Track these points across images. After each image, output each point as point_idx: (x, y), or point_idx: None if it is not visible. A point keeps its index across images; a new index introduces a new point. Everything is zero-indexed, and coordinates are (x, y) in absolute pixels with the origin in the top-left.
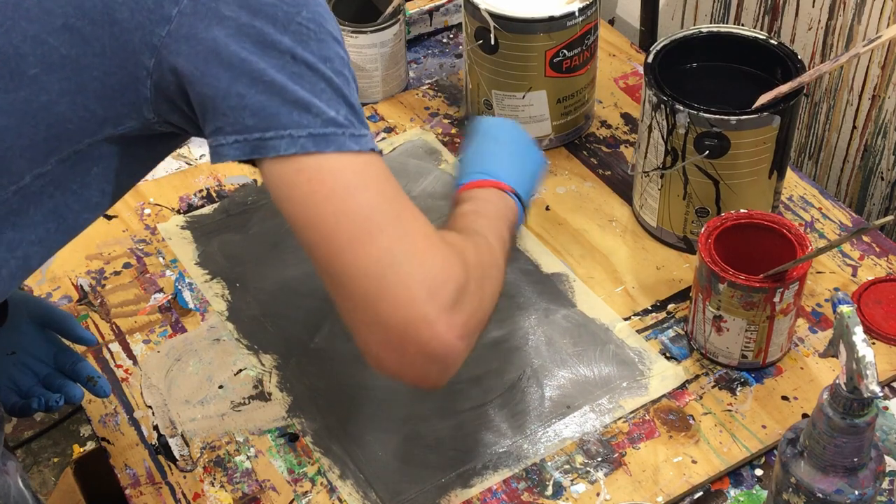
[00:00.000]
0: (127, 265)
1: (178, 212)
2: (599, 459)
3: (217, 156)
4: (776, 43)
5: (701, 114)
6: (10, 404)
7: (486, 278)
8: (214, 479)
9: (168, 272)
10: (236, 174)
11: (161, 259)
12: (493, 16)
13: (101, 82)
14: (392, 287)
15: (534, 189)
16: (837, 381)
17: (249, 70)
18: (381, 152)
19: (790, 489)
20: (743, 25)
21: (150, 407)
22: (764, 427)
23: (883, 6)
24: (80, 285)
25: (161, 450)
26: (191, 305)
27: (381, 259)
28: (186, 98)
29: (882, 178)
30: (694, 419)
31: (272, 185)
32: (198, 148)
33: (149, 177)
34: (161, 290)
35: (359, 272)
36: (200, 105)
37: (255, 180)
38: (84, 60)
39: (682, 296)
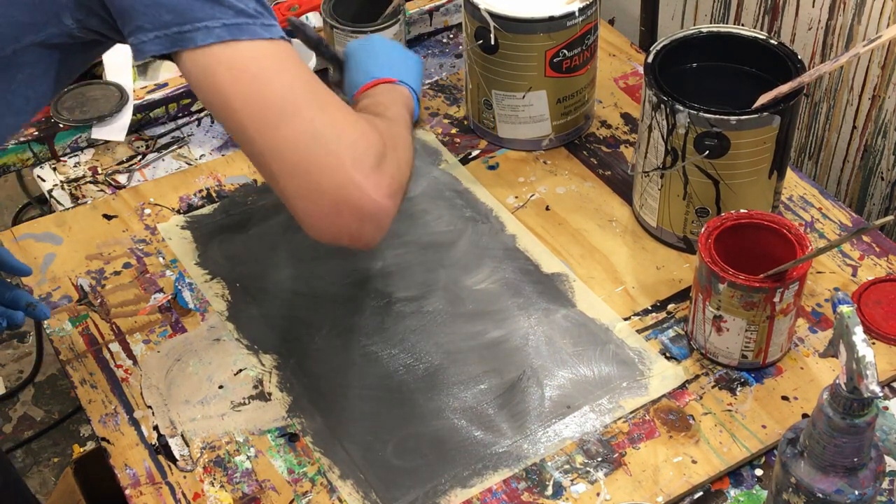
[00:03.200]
0: (127, 265)
1: (178, 212)
2: (599, 459)
3: (139, 53)
4: (776, 43)
5: (701, 114)
6: None
7: (399, 146)
8: (214, 479)
9: (168, 272)
10: (236, 174)
11: (161, 259)
12: (493, 16)
13: None
14: (321, 157)
15: (419, 80)
16: (837, 381)
17: None
18: (290, 41)
19: (790, 489)
20: (743, 25)
21: (150, 407)
22: (764, 427)
23: (883, 6)
24: (80, 285)
25: (161, 450)
26: (191, 305)
27: (307, 132)
28: (103, 4)
29: (882, 178)
30: (694, 419)
31: (193, 77)
32: (198, 148)
33: (149, 176)
34: (161, 290)
35: (288, 146)
36: (118, 9)
37: (254, 180)
38: None
39: (682, 296)
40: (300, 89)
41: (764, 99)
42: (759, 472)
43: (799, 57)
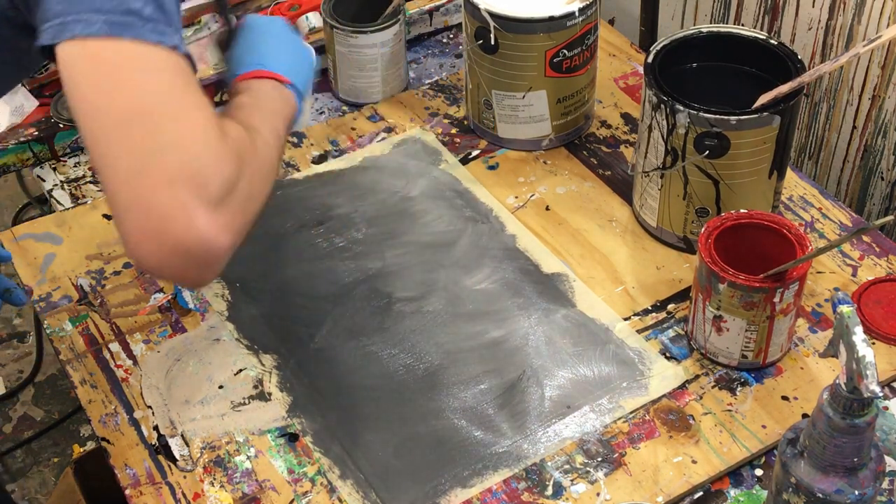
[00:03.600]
0: (127, 265)
1: None
2: (599, 459)
3: (41, 43)
4: (776, 43)
5: (701, 114)
6: None
7: (259, 177)
8: (214, 479)
9: None
10: None
11: None
12: (493, 16)
13: None
14: (155, 170)
15: (310, 80)
16: (837, 381)
17: None
18: (189, 58)
19: (790, 489)
20: (743, 25)
21: (150, 407)
22: (764, 427)
23: (883, 6)
24: (80, 285)
25: (161, 450)
26: (191, 305)
27: (148, 141)
28: (16, 7)
29: (882, 178)
30: (694, 419)
31: (64, 68)
32: None
33: None
34: (161, 290)
35: (123, 152)
36: (26, 4)
37: None
38: None
39: (682, 296)
40: (161, 96)
41: (764, 99)
42: (759, 472)
43: (799, 57)
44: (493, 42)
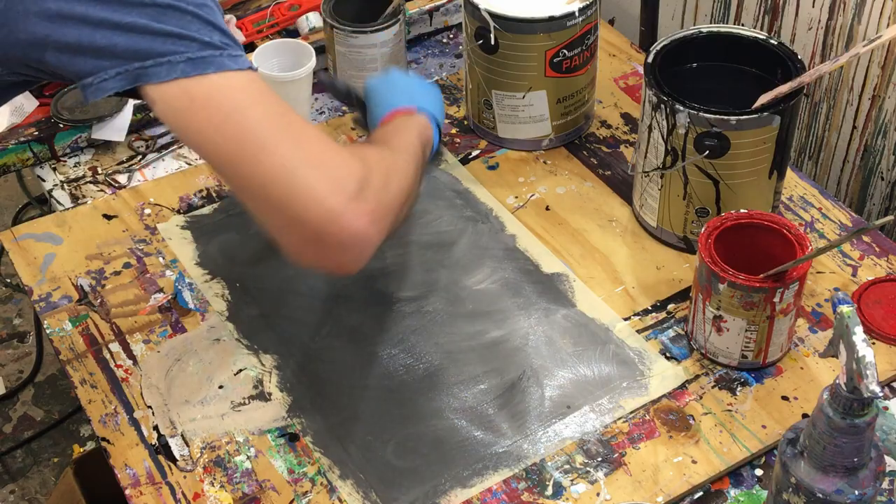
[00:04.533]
0: (127, 265)
1: (178, 212)
2: (599, 459)
3: (100, 91)
4: (776, 43)
5: (701, 114)
6: None
7: (392, 172)
8: (214, 479)
9: (168, 272)
10: None
11: (161, 259)
12: (493, 16)
13: None
14: (299, 190)
15: (440, 107)
16: (837, 381)
17: (107, 20)
18: (256, 69)
19: (790, 489)
20: (743, 25)
21: (150, 407)
22: (764, 427)
23: (883, 6)
24: (80, 285)
25: (161, 450)
26: (191, 305)
27: (283, 166)
28: (40, 57)
29: (882, 178)
30: (694, 419)
31: (163, 113)
32: None
33: (149, 176)
34: (161, 290)
35: (266, 182)
36: (70, 59)
37: None
38: None
39: (682, 296)
40: (274, 123)
41: (764, 99)
42: (759, 472)
43: (799, 57)
44: (493, 42)
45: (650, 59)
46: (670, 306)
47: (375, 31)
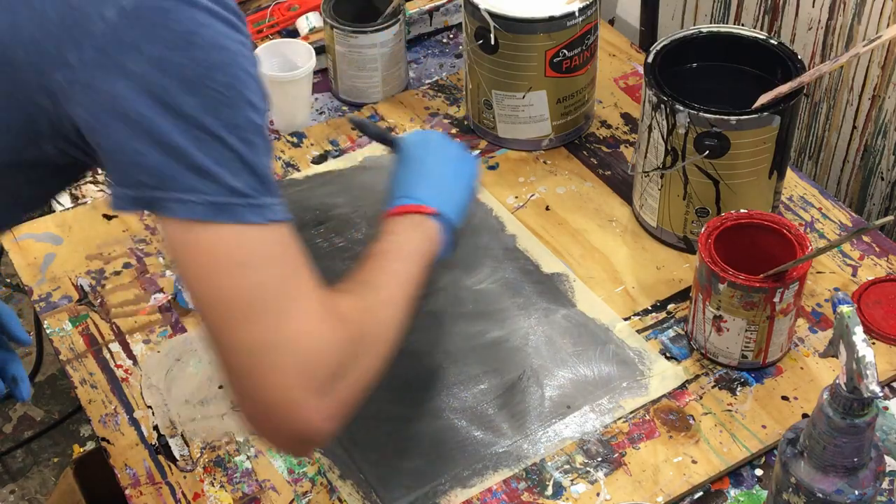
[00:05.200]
0: (127, 265)
1: None
2: (599, 459)
3: (116, 204)
4: (776, 43)
5: (701, 114)
6: None
7: (371, 351)
8: (214, 479)
9: (168, 272)
10: None
11: (161, 259)
12: (493, 16)
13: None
14: (265, 369)
15: (465, 204)
16: (837, 381)
17: (150, 129)
18: (288, 219)
19: (790, 489)
20: (743, 25)
21: (150, 407)
22: (764, 427)
23: (883, 6)
24: (80, 285)
25: (161, 450)
26: (191, 305)
27: (257, 340)
28: (86, 140)
29: (882, 178)
30: (694, 419)
31: (167, 240)
32: None
33: None
34: (161, 290)
35: (234, 350)
36: (102, 154)
37: None
38: None
39: (682, 296)
40: (267, 289)
41: (764, 99)
42: (759, 472)
43: (799, 57)
44: (493, 42)
45: (650, 59)
46: (670, 306)
47: (375, 31)
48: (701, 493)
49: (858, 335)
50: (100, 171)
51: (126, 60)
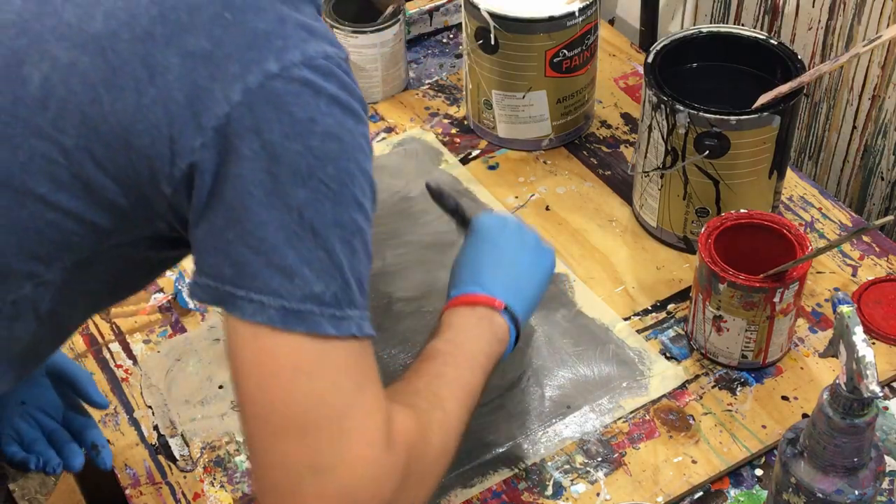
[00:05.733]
0: None
1: None
2: (599, 459)
3: (192, 293)
4: (776, 43)
5: (701, 114)
6: (9, 454)
7: (421, 483)
8: (214, 479)
9: (168, 272)
10: None
11: None
12: (493, 16)
13: (113, 202)
14: (305, 491)
15: (537, 302)
16: (837, 381)
17: (247, 219)
18: (369, 335)
19: (790, 489)
20: (743, 25)
21: (150, 407)
22: (764, 427)
23: (883, 6)
24: None
25: (161, 450)
26: (191, 305)
27: (304, 460)
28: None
29: (882, 178)
30: (694, 419)
31: (227, 333)
32: None
33: None
34: (161, 290)
35: (276, 465)
36: (194, 235)
37: None
38: (97, 182)
39: (682, 296)
40: (326, 405)
41: (764, 99)
42: (759, 472)
43: (799, 57)
44: (493, 42)
45: (650, 59)
46: (670, 306)
47: (375, 31)
48: (701, 493)
49: (858, 335)
50: None
51: (241, 144)
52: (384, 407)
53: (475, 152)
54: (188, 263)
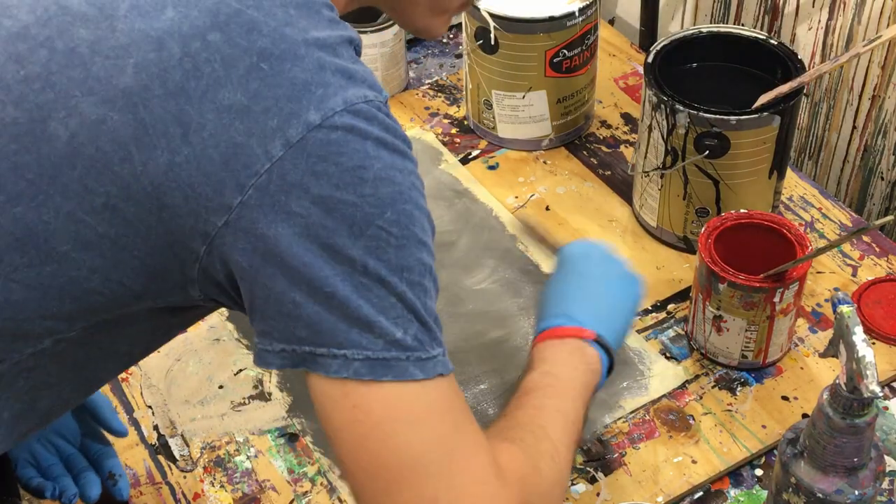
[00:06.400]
0: None
1: None
2: (599, 459)
3: (261, 361)
4: (776, 43)
5: (701, 114)
6: (25, 478)
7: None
8: (214, 479)
9: None
10: None
11: None
12: (493, 16)
13: (142, 261)
14: None
15: (626, 331)
16: (837, 381)
17: (311, 277)
18: (452, 370)
19: (790, 489)
20: (743, 25)
21: (150, 407)
22: (764, 427)
23: (883, 6)
24: None
25: (161, 450)
26: None
27: None
28: (236, 287)
29: (882, 178)
30: (694, 419)
31: (315, 398)
32: None
33: None
34: None
35: None
36: (250, 301)
37: None
38: (124, 241)
39: (682, 296)
40: (431, 450)
41: (764, 99)
42: (759, 472)
43: (799, 57)
44: (493, 42)
45: (650, 59)
46: (670, 306)
47: (375, 31)
48: (701, 493)
49: (858, 335)
50: None
51: (289, 200)
52: (485, 442)
53: (475, 152)
54: None
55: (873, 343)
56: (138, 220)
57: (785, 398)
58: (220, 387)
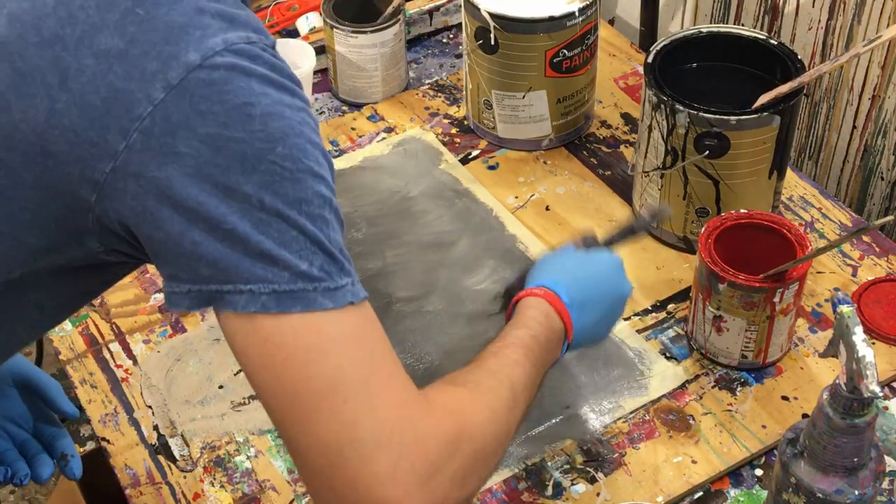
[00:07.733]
0: None
1: None
2: (599, 459)
3: (171, 303)
4: (776, 43)
5: (701, 114)
6: None
7: (475, 450)
8: (214, 479)
9: None
10: None
11: None
12: (493, 16)
13: (32, 213)
14: (352, 464)
15: (597, 339)
16: (837, 381)
17: (207, 216)
18: (364, 297)
19: (790, 489)
20: (743, 25)
21: (150, 407)
22: (764, 427)
23: (883, 6)
24: None
25: (161, 450)
26: None
27: (340, 433)
28: (134, 235)
29: (882, 178)
30: (694, 419)
31: (227, 335)
32: None
33: None
34: (161, 290)
35: (315, 446)
36: (151, 246)
37: None
38: (10, 192)
39: (682, 296)
40: (347, 376)
41: (764, 99)
42: (759, 472)
43: (799, 57)
44: (493, 42)
45: (650, 59)
46: (670, 306)
47: (375, 31)
48: (701, 493)
49: (858, 335)
50: None
51: (176, 142)
52: (404, 373)
53: (475, 152)
54: None
55: (873, 343)
56: (24, 169)
57: (785, 398)
58: (220, 387)
